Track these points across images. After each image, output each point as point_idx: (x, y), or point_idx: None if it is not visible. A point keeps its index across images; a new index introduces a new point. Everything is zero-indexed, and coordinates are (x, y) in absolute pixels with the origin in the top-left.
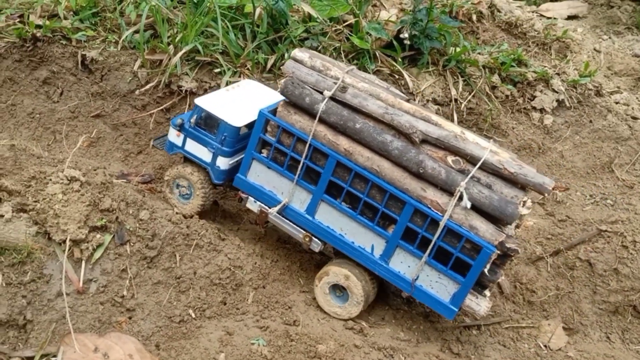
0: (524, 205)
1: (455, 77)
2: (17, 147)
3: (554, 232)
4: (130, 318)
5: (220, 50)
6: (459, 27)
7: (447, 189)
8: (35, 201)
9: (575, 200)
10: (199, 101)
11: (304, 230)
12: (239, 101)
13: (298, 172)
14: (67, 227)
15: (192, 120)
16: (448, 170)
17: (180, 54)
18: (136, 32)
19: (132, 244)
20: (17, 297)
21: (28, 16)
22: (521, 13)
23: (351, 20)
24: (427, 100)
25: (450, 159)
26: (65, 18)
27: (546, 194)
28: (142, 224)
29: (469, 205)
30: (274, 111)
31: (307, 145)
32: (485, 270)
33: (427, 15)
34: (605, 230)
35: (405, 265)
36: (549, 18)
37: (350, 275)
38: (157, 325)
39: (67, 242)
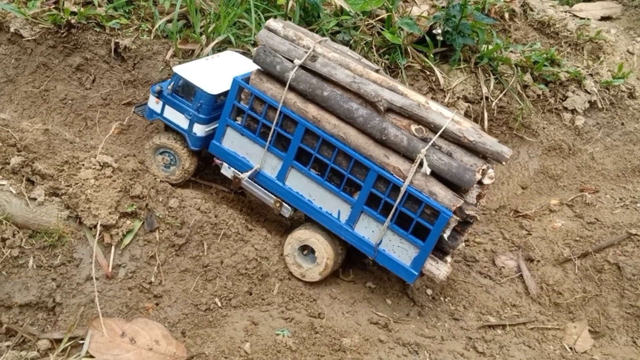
0: (484, 173)
1: (486, 75)
2: (50, 131)
3: (583, 234)
4: (157, 304)
5: (252, 42)
6: (491, 24)
7: (409, 156)
8: (67, 185)
9: (604, 203)
10: (177, 69)
11: (275, 195)
12: (217, 70)
13: (269, 139)
14: (98, 212)
15: (170, 87)
16: (410, 137)
17: (212, 44)
18: (169, 21)
19: (161, 231)
20: (47, 280)
21: (63, 3)
22: (554, 12)
23: (383, 15)
24: (458, 97)
25: (413, 127)
26: (100, 6)
27: (503, 162)
28: (172, 212)
29: (428, 171)
30: (247, 79)
31: (278, 112)
32: (445, 236)
33: (460, 12)
34: (635, 234)
35: (369, 230)
36: (582, 18)
37: (319, 239)
38: (184, 312)
39: (98, 227)
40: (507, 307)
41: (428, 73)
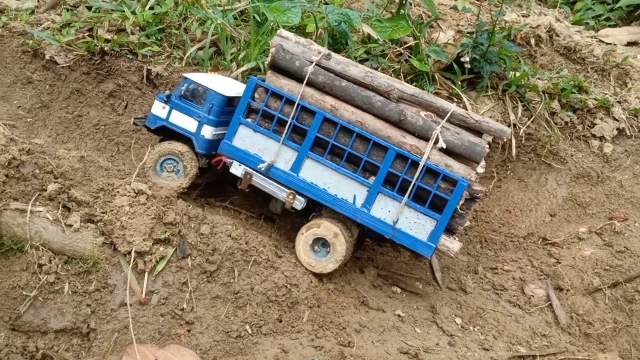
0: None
1: (514, 102)
2: (86, 158)
3: (612, 263)
4: (189, 331)
5: None
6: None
7: (424, 136)
8: (102, 212)
9: (634, 232)
10: (188, 74)
11: (288, 188)
12: (223, 80)
13: (285, 132)
14: (132, 239)
15: (180, 92)
16: (424, 118)
17: (241, 70)
18: (200, 48)
19: (193, 258)
20: (82, 306)
21: (97, 30)
22: (580, 38)
23: (410, 42)
24: None
25: (423, 113)
26: (132, 33)
27: (505, 138)
28: (203, 238)
29: (444, 145)
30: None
31: (296, 105)
32: (458, 207)
33: (488, 40)
34: None
35: (385, 210)
36: (608, 44)
37: (338, 234)
38: (215, 339)
39: (132, 254)
40: (537, 337)
41: (455, 100)
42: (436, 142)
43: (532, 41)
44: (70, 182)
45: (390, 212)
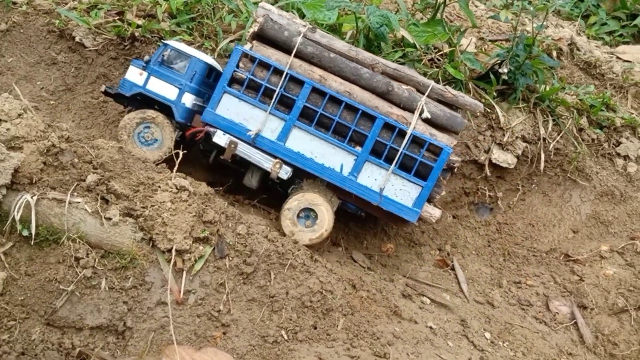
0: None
1: (544, 116)
2: (124, 150)
3: (636, 284)
4: (224, 333)
5: None
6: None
7: (409, 107)
8: (143, 207)
9: None
10: (167, 41)
11: (274, 157)
12: (199, 52)
13: (272, 102)
14: (173, 237)
15: (159, 58)
16: (409, 90)
17: None
18: (232, 41)
19: (230, 258)
20: (118, 303)
21: (126, 15)
22: (600, 54)
23: (441, 48)
24: (517, 137)
25: (404, 87)
26: (163, 20)
27: (478, 112)
28: (240, 239)
29: (429, 116)
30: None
31: (284, 74)
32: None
33: (524, 52)
34: None
35: (372, 178)
36: (625, 61)
37: (323, 204)
38: (251, 343)
39: (173, 252)
40: (564, 356)
41: (488, 110)
42: (421, 113)
43: (554, 54)
44: (109, 173)
45: (377, 180)
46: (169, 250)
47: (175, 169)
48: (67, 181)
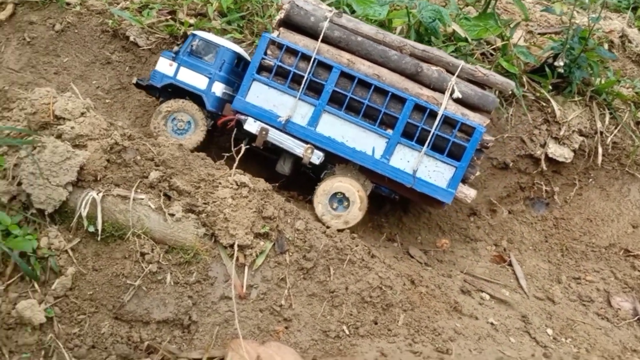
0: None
1: (601, 110)
2: (184, 147)
3: None
4: (286, 328)
5: None
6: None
7: (439, 88)
8: (205, 203)
9: None
10: (197, 31)
11: (306, 142)
12: (227, 41)
13: (301, 88)
14: (235, 232)
15: (189, 48)
16: (439, 70)
17: None
18: None
19: (290, 254)
20: (183, 297)
21: (177, 13)
22: None
23: (492, 41)
24: (573, 131)
25: (434, 68)
26: (214, 19)
27: (509, 90)
28: (299, 235)
29: (460, 95)
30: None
31: (312, 59)
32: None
33: (579, 44)
34: None
35: (405, 160)
36: None
37: (357, 188)
38: (313, 338)
39: (235, 247)
40: (628, 352)
41: (543, 104)
42: (452, 93)
43: (605, 46)
44: (171, 170)
45: (410, 162)
46: (231, 246)
47: (235, 165)
48: (131, 178)
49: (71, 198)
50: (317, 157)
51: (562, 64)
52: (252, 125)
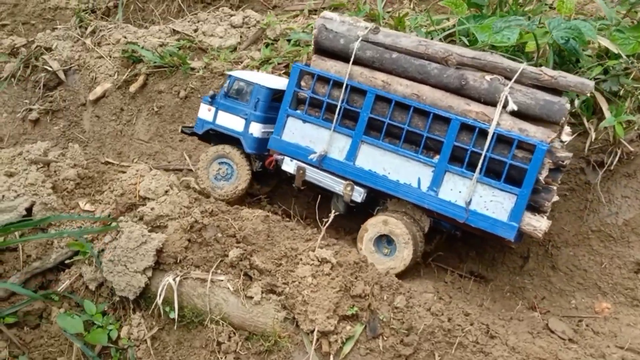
0: (562, 127)
1: None
2: (270, 218)
3: None
4: None
5: None
6: None
7: (491, 101)
8: (284, 283)
9: None
10: (231, 72)
11: (345, 179)
12: (267, 76)
13: (335, 118)
14: (315, 317)
15: (224, 90)
16: (489, 80)
17: None
18: None
19: (385, 338)
20: None
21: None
22: None
23: None
24: None
25: (488, 77)
26: None
27: (587, 93)
28: (397, 313)
29: (515, 107)
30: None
31: (344, 85)
32: (541, 177)
33: None
34: None
35: (455, 191)
36: None
37: (404, 231)
38: None
39: (315, 334)
40: None
41: None
42: (505, 105)
43: None
44: (252, 247)
45: (462, 192)
46: (312, 332)
47: (322, 235)
48: (211, 258)
49: (152, 283)
50: (358, 194)
51: None
52: (289, 165)
